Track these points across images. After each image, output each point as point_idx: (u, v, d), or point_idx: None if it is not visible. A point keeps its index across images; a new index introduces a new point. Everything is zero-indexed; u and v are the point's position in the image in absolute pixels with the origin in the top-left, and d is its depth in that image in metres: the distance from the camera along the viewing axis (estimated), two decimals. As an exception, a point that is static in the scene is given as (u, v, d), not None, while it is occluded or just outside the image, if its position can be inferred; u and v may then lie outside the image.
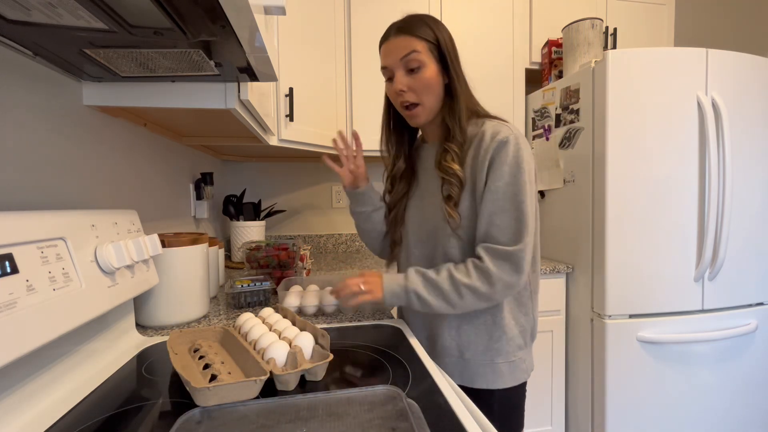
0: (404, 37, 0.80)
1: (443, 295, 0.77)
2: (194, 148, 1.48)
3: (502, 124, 0.80)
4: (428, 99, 0.82)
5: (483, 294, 0.76)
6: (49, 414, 0.52)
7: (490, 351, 0.84)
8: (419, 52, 0.79)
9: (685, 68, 1.39)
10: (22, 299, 0.47)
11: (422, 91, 0.81)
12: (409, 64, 0.80)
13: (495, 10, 1.85)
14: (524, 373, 0.87)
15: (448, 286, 0.76)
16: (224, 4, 0.46)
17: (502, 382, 0.84)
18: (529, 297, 0.88)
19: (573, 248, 1.59)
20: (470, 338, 0.84)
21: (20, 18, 0.49)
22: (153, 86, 0.80)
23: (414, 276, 0.79)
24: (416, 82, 0.81)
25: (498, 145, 0.76)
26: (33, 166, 0.65)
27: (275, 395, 0.56)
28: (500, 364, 0.84)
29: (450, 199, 0.81)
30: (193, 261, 0.90)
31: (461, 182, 0.80)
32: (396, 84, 0.81)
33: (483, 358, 0.84)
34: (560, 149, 1.64)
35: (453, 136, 0.82)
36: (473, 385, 0.84)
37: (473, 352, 0.84)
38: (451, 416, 0.51)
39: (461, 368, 0.85)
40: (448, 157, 0.81)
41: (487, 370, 0.84)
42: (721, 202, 1.40)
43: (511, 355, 0.84)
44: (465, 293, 0.76)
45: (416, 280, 0.79)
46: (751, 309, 1.50)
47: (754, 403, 1.51)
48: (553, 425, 1.63)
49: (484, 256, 0.76)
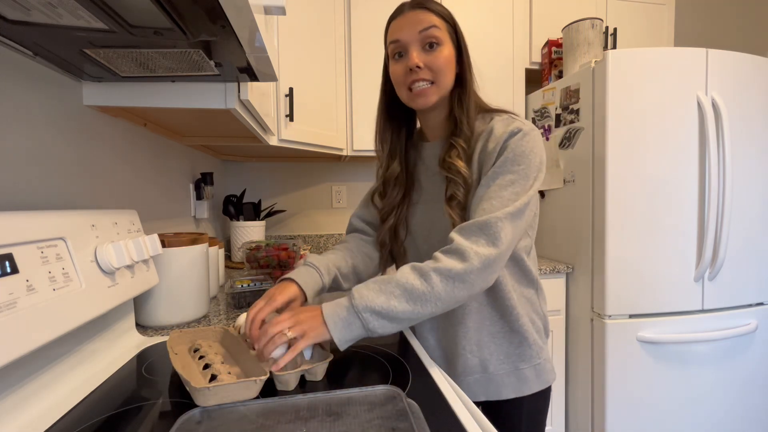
0: (423, 11, 0.74)
1: (408, 292, 0.61)
2: (194, 148, 1.48)
3: (514, 118, 0.74)
4: (443, 80, 0.74)
5: (457, 273, 0.61)
6: (49, 414, 0.52)
7: (512, 358, 0.79)
8: (438, 28, 0.73)
9: (685, 68, 1.39)
10: (22, 299, 0.47)
11: (439, 70, 0.73)
12: (428, 39, 0.73)
13: (495, 10, 1.85)
14: (550, 374, 0.82)
15: (413, 278, 0.62)
16: (224, 4, 0.46)
17: (529, 388, 0.79)
18: (537, 294, 0.83)
19: (573, 248, 1.59)
20: (491, 350, 0.79)
21: (20, 18, 0.49)
22: (153, 86, 0.80)
23: (361, 289, 0.63)
24: (434, 60, 0.73)
25: (509, 135, 0.70)
26: (33, 166, 0.65)
27: (275, 395, 0.56)
28: (524, 369, 0.79)
29: (453, 199, 0.73)
30: (193, 261, 0.90)
31: (466, 182, 0.73)
32: (412, 59, 0.72)
33: (506, 368, 0.79)
34: (560, 149, 1.64)
35: (460, 129, 0.75)
36: (500, 398, 0.79)
37: (495, 364, 0.79)
38: (451, 416, 0.51)
39: (486, 383, 0.79)
40: (453, 153, 0.74)
41: (512, 379, 0.79)
42: (721, 202, 1.40)
43: (535, 359, 0.79)
44: (433, 278, 0.62)
45: (364, 291, 0.62)
46: (751, 309, 1.50)
47: (754, 403, 1.51)
48: (553, 425, 1.63)
49: (453, 236, 0.66)
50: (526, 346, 0.79)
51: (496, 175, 0.69)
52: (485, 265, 0.63)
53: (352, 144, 1.77)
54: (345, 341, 0.61)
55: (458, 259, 0.63)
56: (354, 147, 1.77)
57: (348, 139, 1.77)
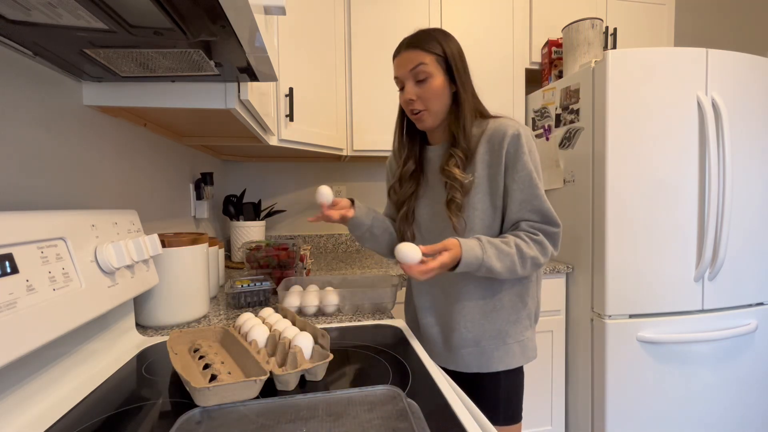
0: (413, 50, 0.87)
1: (512, 265, 0.82)
2: (194, 148, 1.48)
3: (509, 120, 0.87)
4: (434, 106, 0.88)
5: (539, 264, 0.85)
6: (49, 414, 0.52)
7: (502, 333, 0.90)
8: (426, 65, 0.85)
9: (685, 68, 1.39)
10: (22, 299, 0.47)
11: (429, 99, 0.87)
12: (418, 75, 0.86)
13: (495, 10, 1.85)
14: (532, 351, 0.93)
15: (517, 258, 0.82)
16: (224, 4, 0.46)
17: (515, 362, 0.91)
18: (535, 281, 0.95)
19: (573, 248, 1.59)
20: (484, 327, 0.90)
21: (20, 18, 0.49)
22: (153, 86, 0.80)
23: (489, 248, 0.81)
24: (424, 92, 0.87)
25: (512, 139, 0.83)
26: (33, 166, 0.65)
27: (275, 395, 0.56)
28: (512, 344, 0.90)
29: (452, 202, 0.86)
30: (193, 261, 0.90)
31: (463, 186, 0.86)
32: (406, 93, 0.88)
33: (496, 342, 0.90)
34: (560, 149, 1.64)
35: (457, 141, 0.88)
36: (490, 370, 0.90)
37: (487, 339, 0.90)
38: (451, 416, 0.51)
39: (478, 356, 0.90)
40: (451, 162, 0.87)
41: (501, 353, 0.90)
42: (721, 202, 1.40)
43: (520, 335, 0.91)
44: (528, 265, 0.83)
45: (491, 252, 0.81)
46: (751, 309, 1.50)
47: (754, 403, 1.51)
48: (553, 425, 1.63)
49: (538, 232, 0.84)
50: (514, 321, 0.91)
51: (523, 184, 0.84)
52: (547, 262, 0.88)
53: (352, 144, 1.77)
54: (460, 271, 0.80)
55: (542, 253, 0.84)
56: (354, 147, 1.77)
57: (348, 139, 1.77)
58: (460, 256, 0.78)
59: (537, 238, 0.83)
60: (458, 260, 0.78)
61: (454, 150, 0.88)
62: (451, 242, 0.78)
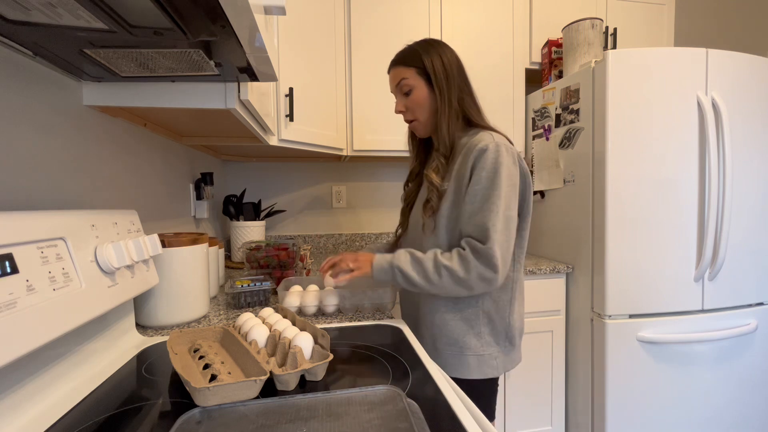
0: (396, 68, 0.96)
1: (424, 273, 0.85)
2: (194, 148, 1.48)
3: (488, 134, 0.88)
4: (421, 115, 0.95)
5: (459, 278, 0.82)
6: (49, 414, 0.52)
7: (459, 344, 0.92)
8: (407, 79, 0.93)
9: (685, 68, 1.39)
10: (22, 299, 0.47)
11: (414, 109, 0.94)
12: (402, 89, 0.95)
13: (495, 10, 1.85)
14: (493, 369, 0.93)
15: (431, 265, 0.85)
16: (224, 4, 0.46)
17: (469, 373, 0.91)
18: (508, 302, 0.94)
19: (573, 248, 1.59)
20: (442, 331, 0.93)
21: (20, 18, 0.49)
22: (153, 86, 0.80)
23: (402, 254, 0.88)
24: (409, 103, 0.95)
25: (477, 153, 0.85)
26: (33, 166, 0.65)
27: (275, 395, 0.56)
28: (468, 356, 0.92)
29: (428, 203, 0.92)
30: (193, 261, 0.90)
31: (438, 191, 0.91)
32: (396, 106, 0.98)
33: (452, 350, 0.93)
34: (560, 149, 1.64)
35: (437, 146, 0.94)
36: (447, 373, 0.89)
37: (443, 344, 0.93)
38: (451, 416, 0.51)
39: (434, 357, 0.93)
40: (432, 166, 0.93)
41: (455, 361, 0.92)
42: (721, 202, 1.40)
43: (480, 350, 0.92)
44: (444, 274, 0.83)
45: (403, 258, 0.88)
46: (751, 309, 1.50)
47: (754, 403, 1.51)
48: (553, 425, 1.63)
49: (466, 246, 0.84)
50: (473, 336, 0.92)
51: (474, 198, 0.85)
52: (481, 281, 0.82)
53: (352, 144, 1.77)
54: (378, 278, 0.89)
55: (463, 267, 0.82)
56: (354, 147, 1.77)
57: (348, 139, 1.77)
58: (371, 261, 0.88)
59: (462, 252, 0.83)
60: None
61: (435, 154, 0.94)
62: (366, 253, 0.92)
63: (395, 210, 1.97)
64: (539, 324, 1.59)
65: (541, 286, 1.58)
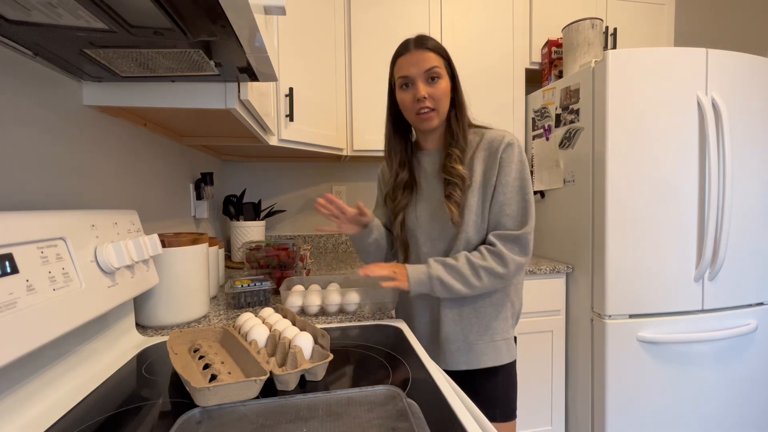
0: (427, 52, 0.91)
1: (464, 278, 0.86)
2: (194, 148, 1.48)
3: (505, 131, 0.94)
4: (442, 106, 0.93)
5: (498, 274, 0.86)
6: (49, 414, 0.52)
7: (490, 330, 0.93)
8: (438, 67, 0.91)
9: (685, 68, 1.39)
10: (22, 299, 0.47)
11: (439, 99, 0.92)
12: (430, 75, 0.91)
13: (495, 10, 1.85)
14: (514, 350, 0.98)
15: (468, 269, 0.87)
16: (224, 4, 0.46)
17: (502, 359, 0.94)
18: (521, 282, 1.00)
19: (573, 248, 1.59)
20: (472, 322, 0.93)
21: (20, 18, 0.49)
22: (153, 86, 0.80)
23: (435, 264, 0.89)
24: (435, 91, 0.91)
25: (506, 146, 0.90)
26: (33, 166, 0.65)
27: (275, 395, 0.56)
28: (499, 341, 0.94)
29: (450, 197, 0.91)
30: (193, 261, 0.90)
31: (464, 182, 0.91)
32: (419, 91, 0.90)
33: (485, 338, 0.93)
34: (560, 149, 1.64)
35: (457, 141, 0.94)
36: (479, 366, 0.93)
37: (476, 335, 0.93)
38: (451, 416, 0.51)
39: (466, 352, 0.93)
40: (453, 160, 0.92)
41: (489, 350, 0.93)
42: (721, 202, 1.40)
43: (506, 333, 0.95)
44: (483, 275, 0.86)
45: (438, 267, 0.88)
46: (751, 309, 1.50)
47: (754, 403, 1.51)
48: (553, 425, 1.63)
49: (496, 242, 0.88)
50: (500, 320, 0.94)
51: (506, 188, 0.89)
52: (518, 269, 0.88)
53: (352, 144, 1.77)
54: (416, 291, 0.89)
55: (500, 263, 0.86)
56: (354, 147, 1.77)
57: (348, 139, 1.77)
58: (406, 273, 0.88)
59: (494, 249, 0.87)
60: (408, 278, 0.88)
61: (452, 149, 0.93)
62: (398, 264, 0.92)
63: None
64: (539, 324, 1.59)
65: (541, 286, 1.58)
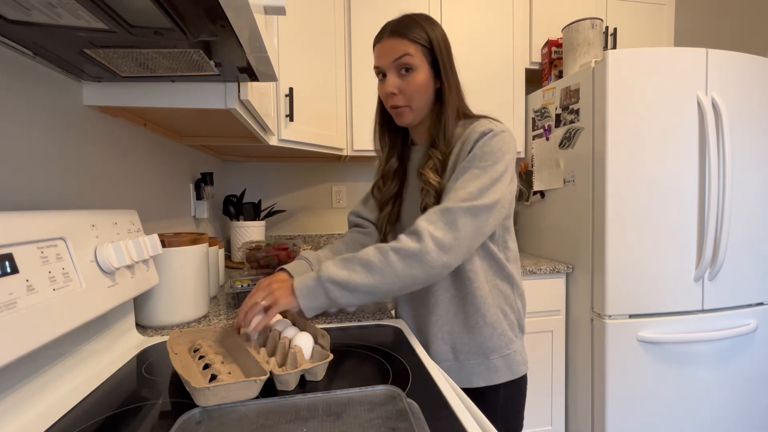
0: (397, 39, 0.79)
1: (366, 266, 0.68)
2: (194, 148, 1.48)
3: (490, 121, 0.79)
4: (417, 102, 0.81)
5: (411, 252, 0.67)
6: (49, 414, 0.52)
7: (483, 348, 0.83)
8: (411, 56, 0.78)
9: (685, 68, 1.39)
10: (22, 299, 0.47)
11: (412, 94, 0.80)
12: (400, 65, 0.79)
13: (495, 10, 1.85)
14: (521, 365, 0.86)
15: (372, 254, 0.69)
16: (224, 4, 0.46)
17: (498, 378, 0.84)
18: (512, 290, 0.86)
19: (573, 248, 1.59)
20: (463, 340, 0.84)
21: (20, 18, 0.49)
22: (153, 86, 0.80)
23: (327, 263, 0.70)
24: (407, 85, 0.80)
25: (479, 135, 0.76)
26: (33, 166, 0.65)
27: (275, 395, 0.56)
28: (494, 359, 0.84)
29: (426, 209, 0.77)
30: (193, 261, 0.90)
31: (437, 191, 0.78)
32: (387, 86, 0.80)
33: (477, 358, 0.84)
34: (560, 149, 1.64)
35: (437, 142, 0.81)
36: (471, 385, 0.84)
37: (466, 354, 0.84)
38: (451, 416, 0.51)
39: (457, 371, 0.85)
40: (429, 164, 0.80)
41: (482, 369, 0.84)
42: (721, 202, 1.40)
43: (505, 349, 0.84)
44: (391, 256, 0.68)
45: (329, 265, 0.69)
46: (751, 309, 1.50)
47: (754, 403, 1.51)
48: (553, 425, 1.63)
49: (417, 220, 0.72)
50: (496, 336, 0.83)
51: (464, 169, 0.74)
52: (441, 248, 0.68)
53: (352, 144, 1.77)
54: (311, 309, 0.68)
55: (415, 239, 0.69)
56: (354, 147, 1.77)
57: (348, 139, 1.77)
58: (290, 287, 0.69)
59: (411, 228, 0.71)
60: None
61: (432, 151, 0.81)
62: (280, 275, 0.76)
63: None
64: (539, 324, 1.59)
65: (541, 286, 1.59)
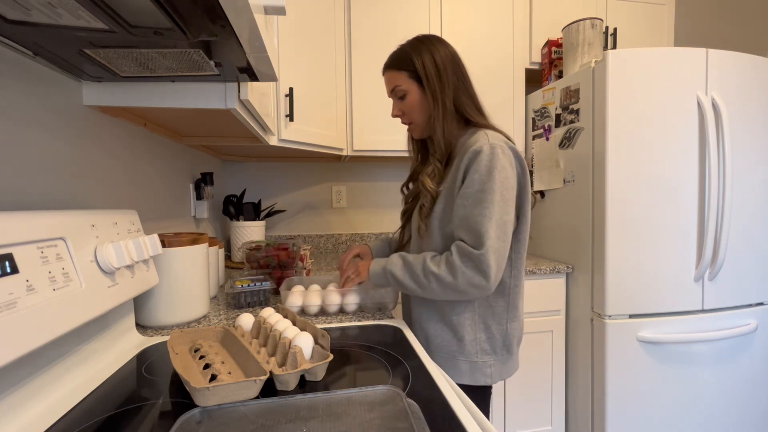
0: (389, 72, 0.94)
1: (415, 278, 0.86)
2: (194, 148, 1.48)
3: (483, 134, 0.85)
4: (417, 118, 0.94)
5: (447, 283, 0.82)
6: (49, 414, 0.52)
7: (452, 348, 0.91)
8: (400, 85, 0.92)
9: (685, 68, 1.39)
10: (22, 299, 0.47)
11: (410, 113, 0.94)
12: (396, 94, 0.94)
13: (495, 10, 1.85)
14: (486, 377, 0.90)
15: (420, 270, 0.85)
16: (224, 4, 0.46)
17: (461, 379, 0.90)
18: (505, 308, 0.91)
19: (573, 248, 1.59)
20: (436, 333, 0.93)
21: (20, 18, 0.49)
22: (153, 86, 0.80)
23: (395, 258, 0.90)
24: (406, 107, 0.93)
25: (471, 155, 0.82)
26: (33, 166, 0.65)
27: (275, 395, 0.56)
28: (461, 361, 0.91)
29: (422, 208, 0.91)
30: (193, 261, 0.90)
31: (432, 196, 0.90)
32: (393, 111, 0.97)
33: (446, 353, 0.92)
34: (560, 149, 1.64)
35: (434, 149, 0.92)
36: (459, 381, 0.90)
37: (437, 346, 0.93)
38: (451, 416, 0.51)
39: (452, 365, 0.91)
40: (428, 169, 0.91)
41: (448, 366, 0.91)
42: (721, 202, 1.40)
43: (473, 356, 0.90)
44: (431, 280, 0.83)
45: (396, 262, 0.89)
46: (751, 309, 1.50)
47: (754, 403, 1.51)
48: (553, 425, 1.63)
49: (454, 252, 0.82)
50: (467, 342, 0.90)
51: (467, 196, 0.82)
52: (471, 286, 0.80)
53: (352, 144, 1.77)
54: (375, 283, 0.94)
55: (450, 273, 0.81)
56: (354, 147, 1.77)
57: (348, 139, 1.77)
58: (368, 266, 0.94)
59: (450, 258, 0.81)
60: None
61: (432, 158, 0.92)
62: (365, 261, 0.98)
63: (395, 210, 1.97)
64: (539, 324, 1.59)
65: (541, 286, 1.59)
